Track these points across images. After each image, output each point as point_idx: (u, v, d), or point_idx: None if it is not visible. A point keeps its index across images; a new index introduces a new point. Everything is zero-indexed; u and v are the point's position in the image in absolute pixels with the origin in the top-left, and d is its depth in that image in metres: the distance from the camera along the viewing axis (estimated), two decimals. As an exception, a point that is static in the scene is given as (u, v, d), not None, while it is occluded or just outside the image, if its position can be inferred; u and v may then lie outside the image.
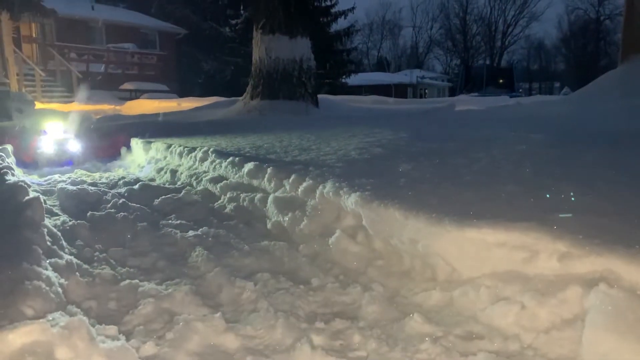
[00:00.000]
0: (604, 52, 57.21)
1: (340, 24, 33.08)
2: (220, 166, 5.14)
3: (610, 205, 2.53)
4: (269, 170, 4.29)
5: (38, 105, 16.29)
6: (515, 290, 2.15)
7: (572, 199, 2.69)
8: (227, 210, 4.28)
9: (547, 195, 2.78)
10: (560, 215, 2.40)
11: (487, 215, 2.47)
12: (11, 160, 5.57)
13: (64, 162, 6.97)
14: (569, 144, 4.50)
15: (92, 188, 5.03)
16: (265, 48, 12.31)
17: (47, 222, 3.25)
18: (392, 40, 71.12)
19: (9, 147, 6.40)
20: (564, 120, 7.26)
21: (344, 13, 32.58)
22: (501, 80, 55.34)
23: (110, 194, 4.85)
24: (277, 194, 4.00)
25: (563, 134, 5.34)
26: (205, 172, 5.40)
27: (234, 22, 30.77)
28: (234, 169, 4.84)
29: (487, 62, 63.76)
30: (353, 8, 32.96)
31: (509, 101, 18.44)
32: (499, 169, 3.60)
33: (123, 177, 6.03)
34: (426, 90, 49.98)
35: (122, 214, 3.99)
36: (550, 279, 2.10)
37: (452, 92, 51.80)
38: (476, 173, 3.51)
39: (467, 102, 19.42)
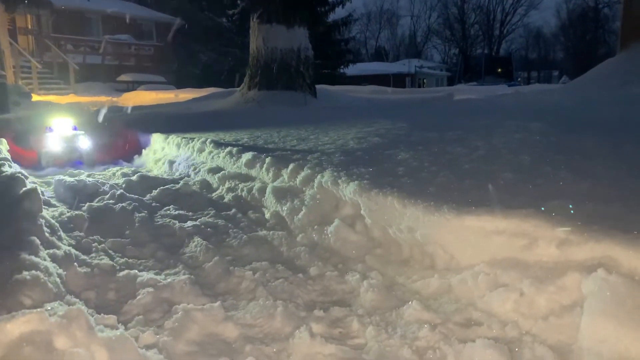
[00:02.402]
0: (602, 40, 57.03)
1: (338, 13, 32.87)
2: (218, 157, 5.13)
3: (609, 192, 2.53)
4: (267, 160, 4.29)
5: (35, 98, 16.22)
6: (514, 277, 2.15)
7: (571, 186, 2.69)
8: (225, 200, 4.28)
9: (546, 183, 2.78)
10: (559, 202, 2.40)
11: (486, 203, 2.47)
12: (6, 153, 5.50)
13: (73, 162, 6.32)
14: (567, 132, 4.49)
15: (90, 179, 5.02)
16: (262, 38, 12.24)
17: (45, 213, 3.23)
18: (390, 29, 70.88)
19: (4, 141, 6.01)
20: (563, 108, 7.25)
21: (341, 2, 32.32)
22: (500, 69, 55.32)
23: (108, 185, 4.83)
24: (275, 183, 3.99)
25: (561, 123, 5.33)
26: (203, 162, 5.39)
27: (230, 12, 30.56)
28: (232, 159, 4.83)
29: (486, 51, 63.61)
30: (351, -3, 32.73)
31: (508, 90, 18.40)
32: (498, 157, 3.60)
33: (120, 168, 6.02)
34: (425, 80, 49.83)
35: (120, 204, 3.98)
36: (549, 266, 2.10)
37: (451, 82, 51.69)
38: (475, 161, 3.51)
39: (465, 92, 19.38)
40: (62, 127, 6.44)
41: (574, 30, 60.78)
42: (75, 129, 6.55)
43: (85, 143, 6.43)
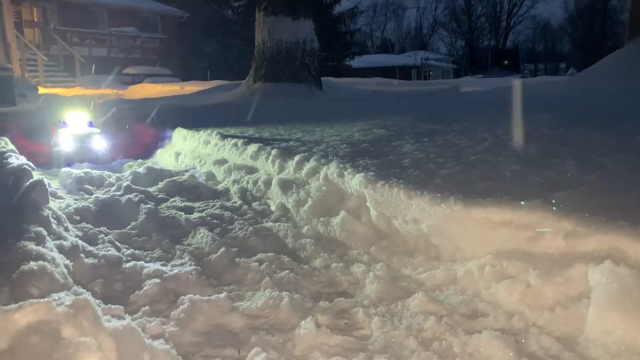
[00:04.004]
0: (610, 32, 56.44)
1: (344, 5, 32.69)
2: (224, 148, 5.13)
3: (617, 184, 2.51)
4: (272, 152, 4.29)
5: (41, 90, 16.26)
6: (521, 268, 2.14)
7: (578, 177, 2.68)
8: (231, 192, 4.29)
9: (553, 174, 2.76)
10: (566, 193, 2.38)
11: (492, 194, 2.46)
12: (12, 145, 5.47)
13: (86, 162, 5.79)
14: (573, 124, 4.46)
15: (97, 171, 5.03)
16: (267, 30, 12.19)
17: (52, 204, 3.25)
18: (396, 21, 70.49)
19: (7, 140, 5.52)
20: (569, 100, 7.19)
21: (347, -6, 32.11)
22: (506, 62, 54.94)
23: (115, 177, 4.85)
24: (280, 175, 3.99)
25: (568, 114, 5.30)
26: (208, 154, 5.40)
27: (236, 4, 30.46)
28: (238, 151, 4.84)
29: (492, 43, 63.14)
30: (357, -11, 32.57)
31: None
32: (504, 148, 3.58)
33: (127, 160, 6.04)
34: (431, 72, 49.56)
35: (127, 196, 3.99)
36: (555, 258, 2.09)
37: (457, 74, 51.34)
38: (481, 153, 3.49)
39: (471, 84, 19.29)
40: (77, 123, 5.92)
41: (582, 22, 60.19)
42: (91, 125, 6.02)
43: (100, 144, 5.91)
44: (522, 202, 2.29)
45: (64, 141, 5.73)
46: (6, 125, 6.71)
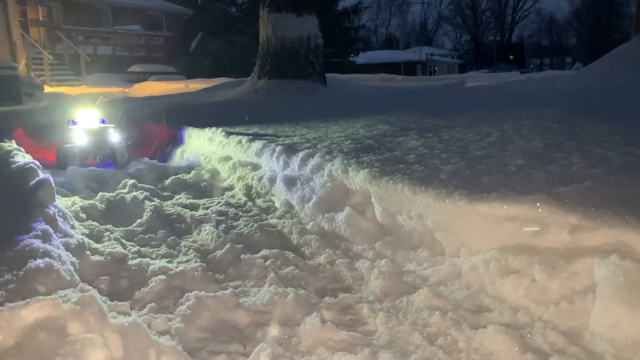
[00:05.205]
0: (617, 25, 55.94)
1: (348, 1, 32.60)
2: (228, 146, 5.14)
3: (623, 178, 2.49)
4: (277, 148, 4.29)
5: (47, 89, 16.33)
6: (526, 263, 2.13)
7: (584, 171, 2.66)
8: (235, 189, 4.30)
9: (558, 168, 2.75)
10: (571, 188, 2.37)
11: (498, 189, 2.45)
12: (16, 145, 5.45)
13: (103, 162, 5.46)
14: (579, 118, 4.44)
15: (102, 169, 5.05)
16: (271, 27, 12.17)
17: (58, 202, 3.27)
18: (400, 17, 70.22)
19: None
20: (574, 95, 7.16)
21: (351, -10, 32.03)
22: (512, 56, 54.73)
23: (120, 174, 4.87)
24: (285, 172, 4.00)
25: (573, 109, 5.27)
26: (213, 152, 5.41)
27: (240, 1, 30.49)
28: (242, 149, 4.84)
29: (498, 38, 62.85)
30: (361, -15, 32.47)
31: (520, 77, 18.22)
32: (509, 143, 3.57)
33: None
34: (436, 68, 49.36)
35: (132, 194, 4.01)
36: (561, 252, 2.09)
37: (462, 69, 51.15)
38: (486, 148, 3.48)
39: (477, 79, 19.23)
40: (88, 120, 5.64)
41: (588, 16, 59.75)
42: (103, 121, 5.76)
43: (115, 137, 5.59)
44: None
45: (77, 137, 5.43)
46: (12, 124, 6.72)
